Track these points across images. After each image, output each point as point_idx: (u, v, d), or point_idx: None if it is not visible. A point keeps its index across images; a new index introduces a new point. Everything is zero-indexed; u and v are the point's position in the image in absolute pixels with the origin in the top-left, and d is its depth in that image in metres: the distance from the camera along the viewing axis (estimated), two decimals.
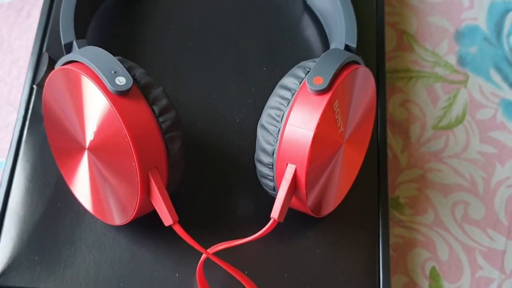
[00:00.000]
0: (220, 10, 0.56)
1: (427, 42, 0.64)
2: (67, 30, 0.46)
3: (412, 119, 0.61)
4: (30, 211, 0.48)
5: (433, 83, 0.62)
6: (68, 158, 0.45)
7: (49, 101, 0.44)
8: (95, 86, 0.40)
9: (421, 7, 0.65)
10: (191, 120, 0.51)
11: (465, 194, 0.58)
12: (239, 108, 0.52)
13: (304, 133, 0.41)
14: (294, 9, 0.56)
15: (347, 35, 0.48)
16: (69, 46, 0.46)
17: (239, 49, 0.54)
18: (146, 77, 0.42)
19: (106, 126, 0.40)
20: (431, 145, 0.60)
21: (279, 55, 0.54)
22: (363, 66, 0.45)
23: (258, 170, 0.45)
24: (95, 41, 0.53)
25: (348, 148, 0.45)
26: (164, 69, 0.53)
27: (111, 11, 0.55)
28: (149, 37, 0.54)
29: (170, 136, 0.41)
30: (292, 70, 0.44)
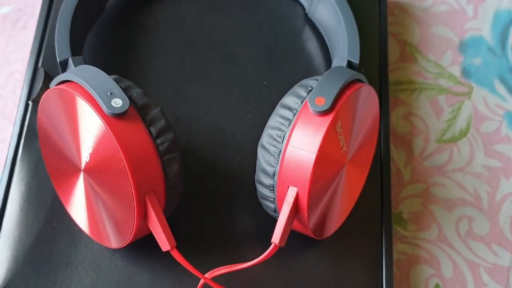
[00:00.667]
0: (220, 24, 0.54)
1: (430, 53, 0.63)
2: (63, 47, 0.44)
3: (415, 132, 0.59)
4: (25, 232, 0.46)
5: (437, 95, 0.61)
6: (63, 179, 0.44)
7: (43, 120, 0.43)
8: (90, 108, 0.38)
9: (424, 17, 0.64)
10: (190, 136, 0.50)
11: (469, 209, 0.57)
12: (239, 124, 0.51)
13: (306, 155, 0.39)
14: (295, 21, 0.55)
15: (350, 51, 0.47)
16: (65, 63, 0.45)
17: (239, 63, 0.53)
18: (144, 97, 0.40)
19: (102, 148, 0.39)
20: (435, 159, 0.59)
21: (280, 69, 0.53)
22: (367, 84, 0.43)
23: (259, 191, 0.43)
24: (91, 56, 0.51)
25: (351, 168, 0.44)
26: (162, 84, 0.52)
27: (108, 25, 0.54)
28: (147, 52, 0.53)
29: (168, 158, 0.40)
30: (293, 88, 0.43)
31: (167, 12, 0.54)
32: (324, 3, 0.51)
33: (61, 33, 0.45)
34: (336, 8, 0.48)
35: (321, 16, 0.52)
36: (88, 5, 0.49)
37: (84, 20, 0.49)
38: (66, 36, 0.45)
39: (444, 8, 0.64)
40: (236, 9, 0.55)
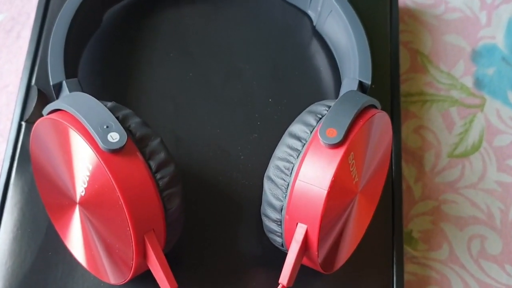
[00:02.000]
0: (224, 37, 0.51)
1: (442, 62, 0.59)
2: (56, 69, 0.41)
3: (426, 147, 0.56)
4: (18, 262, 0.43)
5: (449, 107, 0.58)
6: (58, 210, 0.41)
7: (36, 149, 0.40)
8: (85, 142, 0.35)
9: (436, 24, 0.60)
10: (191, 157, 0.47)
11: (482, 227, 0.54)
12: (243, 144, 0.47)
13: (316, 191, 0.36)
14: (302, 34, 0.51)
15: (361, 71, 0.44)
16: (59, 86, 0.41)
17: (243, 79, 0.50)
18: (142, 128, 0.37)
19: (97, 184, 0.36)
20: (446, 175, 0.55)
21: (286, 85, 0.50)
22: (380, 110, 0.40)
23: (265, 224, 0.40)
24: (88, 73, 0.48)
25: (363, 197, 0.41)
26: (163, 101, 0.48)
27: (105, 39, 0.50)
28: (146, 67, 0.49)
29: (168, 193, 0.37)
30: (302, 115, 0.40)
31: (168, 24, 0.51)
32: (333, 17, 0.47)
33: (55, 53, 0.42)
34: (346, 23, 0.45)
35: (330, 30, 0.49)
36: (84, 19, 0.46)
37: (80, 36, 0.46)
38: (59, 57, 0.42)
39: (456, 15, 0.61)
40: (240, 20, 0.51)
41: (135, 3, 0.51)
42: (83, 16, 0.45)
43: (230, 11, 0.52)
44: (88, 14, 0.46)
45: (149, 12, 0.51)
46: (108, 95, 0.48)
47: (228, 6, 0.52)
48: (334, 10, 0.47)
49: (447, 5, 0.61)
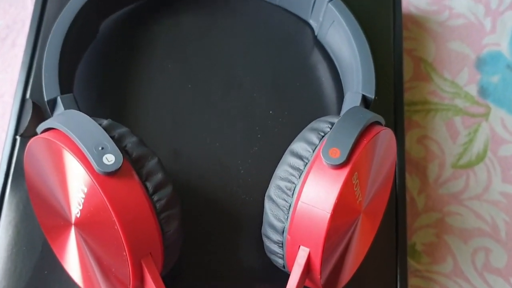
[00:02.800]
0: (223, 47, 0.49)
1: (446, 70, 0.58)
2: (51, 84, 0.40)
3: (430, 157, 0.55)
4: (13, 281, 0.42)
5: (453, 116, 0.56)
6: (54, 229, 0.39)
7: (30, 169, 0.38)
8: (79, 164, 0.33)
9: (440, 31, 0.59)
10: (190, 172, 0.45)
11: (487, 239, 0.52)
12: (243, 158, 0.46)
13: (319, 214, 0.35)
14: (303, 43, 0.50)
15: (364, 85, 0.42)
16: (53, 102, 0.40)
17: (243, 90, 0.48)
18: (139, 147, 0.36)
19: (92, 207, 0.34)
20: (450, 186, 0.54)
21: (287, 96, 0.48)
22: (384, 127, 0.39)
23: (266, 245, 0.39)
24: (84, 85, 0.47)
25: (366, 216, 0.39)
26: (160, 113, 0.47)
27: (102, 49, 0.48)
28: (144, 78, 0.48)
29: (166, 216, 0.35)
30: (304, 133, 0.38)
31: (165, 34, 0.49)
32: (335, 28, 0.45)
33: (49, 68, 0.40)
34: (349, 35, 0.43)
35: (332, 41, 0.47)
36: (80, 30, 0.44)
37: (76, 47, 0.44)
38: (54, 72, 0.40)
39: (460, 22, 0.59)
40: (240, 30, 0.50)
41: (132, 13, 0.50)
42: (78, 27, 0.44)
43: (229, 20, 0.50)
44: (84, 24, 0.44)
45: (147, 22, 0.49)
46: (104, 108, 0.46)
47: (227, 15, 0.50)
48: (337, 21, 0.45)
49: (451, 11, 0.59)
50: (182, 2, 0.51)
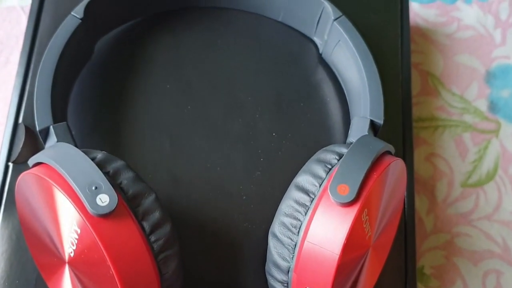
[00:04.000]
0: (223, 67, 0.46)
1: (454, 85, 0.55)
2: (43, 113, 0.37)
3: (438, 176, 0.52)
4: None
5: (462, 133, 0.53)
6: (48, 266, 0.37)
7: (22, 204, 0.36)
8: (72, 205, 0.31)
9: (448, 44, 0.56)
10: (189, 199, 0.43)
11: (497, 261, 0.50)
12: (245, 183, 0.43)
13: (327, 255, 0.32)
14: (307, 62, 0.47)
15: (372, 110, 0.39)
16: (46, 132, 0.37)
17: (245, 111, 0.45)
18: (135, 184, 0.33)
19: (86, 249, 0.32)
20: (460, 206, 0.51)
21: (291, 118, 0.45)
22: (395, 158, 0.36)
23: (270, 284, 0.36)
24: (78, 108, 0.44)
25: (375, 250, 0.37)
26: (158, 137, 0.44)
27: (97, 70, 0.46)
28: (141, 100, 0.45)
29: (164, 257, 0.33)
30: (309, 164, 0.35)
31: (163, 54, 0.46)
32: (341, 48, 0.43)
33: (41, 96, 0.37)
34: (356, 56, 0.41)
35: (337, 60, 0.44)
36: (74, 52, 0.41)
37: (69, 70, 0.41)
38: (46, 99, 0.37)
39: (469, 34, 0.56)
40: (241, 48, 0.47)
41: (129, 31, 0.47)
42: (72, 49, 0.41)
43: (230, 38, 0.47)
44: (78, 46, 0.42)
45: (144, 40, 0.47)
46: (100, 131, 0.44)
47: (228, 33, 0.47)
48: (343, 40, 0.42)
49: (459, 23, 0.56)
50: (181, 20, 0.48)
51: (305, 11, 0.45)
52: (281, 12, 0.47)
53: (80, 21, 0.41)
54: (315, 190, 0.34)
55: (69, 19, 0.41)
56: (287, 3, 0.45)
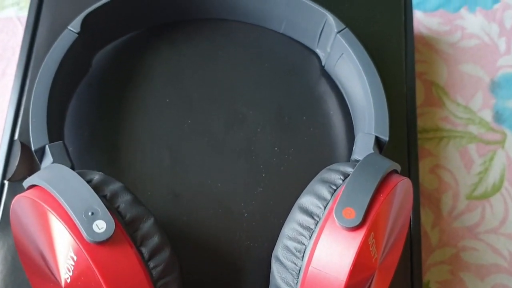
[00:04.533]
0: (224, 79, 0.45)
1: (459, 95, 0.53)
2: (38, 131, 0.36)
3: (443, 188, 0.51)
4: None
5: (467, 144, 0.52)
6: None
7: (17, 227, 0.34)
8: (67, 232, 0.29)
9: (452, 53, 0.54)
10: (190, 216, 0.41)
11: (504, 276, 0.48)
12: (247, 200, 0.42)
13: (333, 281, 0.31)
14: (310, 74, 0.46)
15: (378, 126, 0.38)
16: (41, 151, 0.36)
17: (246, 125, 0.44)
18: (133, 208, 0.32)
19: (83, 276, 0.30)
20: (465, 219, 0.50)
21: (293, 132, 0.44)
22: (402, 177, 0.34)
23: None
24: (75, 124, 0.42)
25: (381, 271, 0.35)
26: (158, 152, 0.43)
27: (95, 84, 0.44)
28: (140, 114, 0.44)
29: (163, 283, 0.32)
30: (313, 184, 0.34)
31: (163, 66, 0.45)
32: (345, 61, 0.41)
33: (37, 113, 0.36)
34: (360, 70, 0.39)
35: (341, 73, 0.43)
36: (71, 66, 0.40)
37: (66, 86, 0.40)
38: (42, 117, 0.36)
39: (473, 43, 0.55)
40: (242, 60, 0.45)
41: (127, 44, 0.45)
42: (69, 63, 0.40)
43: (230, 50, 0.46)
44: (76, 60, 0.40)
45: (142, 53, 0.45)
46: (98, 147, 0.42)
47: (229, 45, 0.46)
48: (346, 54, 0.41)
49: (463, 31, 0.55)
50: (180, 32, 0.46)
51: (308, 23, 0.44)
52: (282, 23, 0.45)
53: (77, 36, 0.39)
54: (320, 212, 0.33)
55: (66, 33, 0.39)
56: (289, 15, 0.44)
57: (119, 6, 0.41)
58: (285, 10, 0.44)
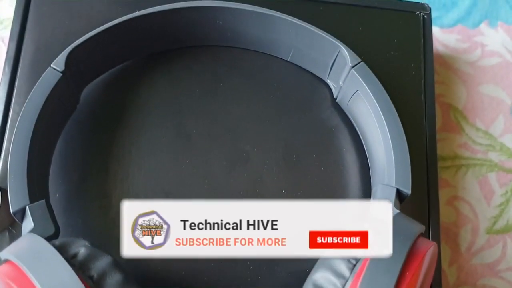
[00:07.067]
0: (226, 114, 0.40)
1: (478, 119, 0.48)
2: (17, 191, 0.31)
3: (461, 222, 0.46)
4: None
5: (487, 173, 0.47)
6: None
7: None
8: None
9: (472, 73, 0.49)
10: (189, 269, 0.37)
11: None
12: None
13: None
14: (319, 107, 0.41)
15: (399, 177, 0.33)
16: (22, 212, 0.31)
17: (250, 165, 0.39)
18: None
19: None
20: (485, 255, 0.45)
21: (302, 172, 0.39)
22: (428, 242, 0.30)
23: None
24: (62, 165, 0.38)
25: None
26: (154, 197, 0.38)
27: (82, 121, 0.39)
28: (134, 154, 0.39)
29: None
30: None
31: (158, 100, 0.40)
32: (360, 99, 0.36)
33: (16, 169, 0.31)
34: (379, 113, 0.34)
35: (356, 111, 0.38)
36: (56, 107, 0.35)
37: (51, 130, 0.35)
38: (22, 174, 0.31)
39: (494, 61, 0.49)
40: (247, 91, 0.40)
41: (118, 75, 0.40)
42: (54, 104, 0.35)
43: (233, 81, 0.41)
44: (60, 100, 0.35)
45: (135, 84, 0.40)
46: (87, 193, 0.37)
47: (231, 74, 0.41)
48: (362, 91, 0.36)
49: (483, 48, 0.49)
50: (177, 60, 0.41)
51: (318, 53, 0.38)
52: (290, 52, 0.40)
53: (61, 75, 0.34)
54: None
55: (48, 73, 0.34)
56: (298, 44, 0.39)
57: (107, 38, 0.36)
58: (294, 40, 0.38)
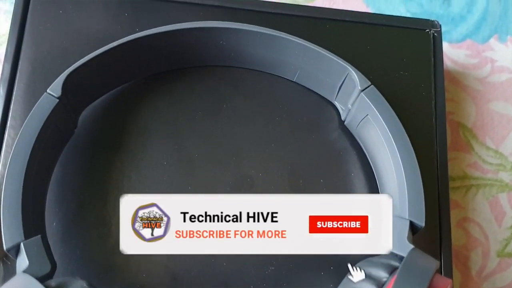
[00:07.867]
0: (230, 137, 0.38)
1: (488, 137, 0.46)
2: (11, 226, 0.29)
3: (471, 245, 0.44)
4: None
5: (497, 193, 0.45)
6: None
7: None
8: None
9: (481, 89, 0.47)
10: None
11: None
12: (257, 281, 0.36)
13: None
14: (326, 129, 0.39)
15: (412, 209, 0.31)
16: (16, 250, 0.29)
17: (255, 190, 0.37)
18: None
19: None
20: (497, 279, 0.44)
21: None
22: (443, 280, 0.28)
23: None
24: (58, 193, 0.36)
25: None
26: None
27: (80, 147, 0.37)
28: (133, 181, 0.37)
29: None
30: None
31: (158, 123, 0.38)
32: (370, 124, 0.35)
33: (10, 203, 0.29)
34: (390, 139, 0.33)
35: (365, 136, 0.36)
36: (52, 134, 0.33)
37: (47, 158, 0.33)
38: (16, 209, 0.29)
39: (504, 77, 0.48)
40: (250, 113, 0.39)
41: (117, 97, 0.38)
42: (50, 131, 0.33)
43: (236, 101, 0.39)
44: (57, 126, 0.33)
45: (135, 107, 0.38)
46: (85, 221, 0.36)
47: (234, 95, 0.39)
48: (372, 115, 0.34)
49: (493, 64, 0.48)
50: (179, 80, 0.39)
51: (326, 75, 0.37)
52: (296, 72, 0.38)
53: (57, 101, 0.32)
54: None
55: (44, 98, 0.32)
56: (305, 65, 0.37)
57: (107, 60, 0.34)
58: (301, 61, 0.36)
